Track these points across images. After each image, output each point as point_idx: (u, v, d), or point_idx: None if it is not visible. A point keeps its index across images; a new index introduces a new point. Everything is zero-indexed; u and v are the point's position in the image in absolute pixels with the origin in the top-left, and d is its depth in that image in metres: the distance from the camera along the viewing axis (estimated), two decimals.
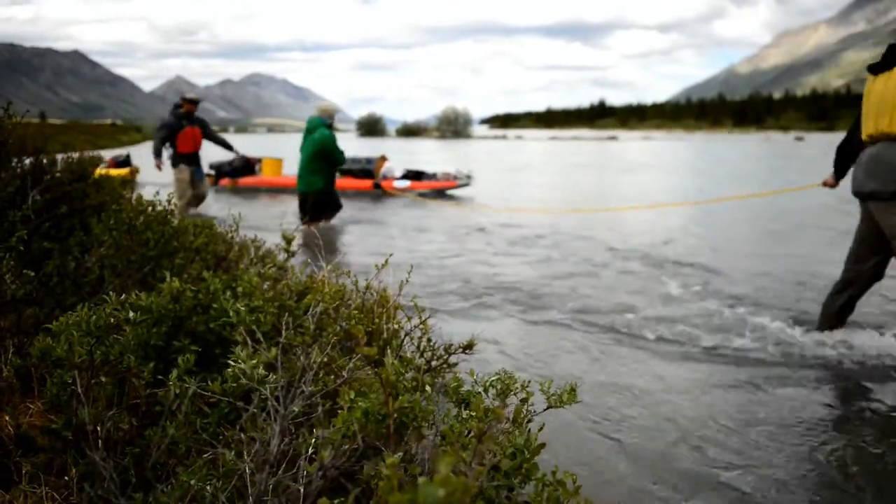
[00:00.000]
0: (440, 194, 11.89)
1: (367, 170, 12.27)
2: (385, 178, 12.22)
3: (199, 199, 8.88)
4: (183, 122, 8.45)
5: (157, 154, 8.55)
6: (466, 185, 12.18)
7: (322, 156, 7.53)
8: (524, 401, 1.30)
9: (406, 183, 12.07)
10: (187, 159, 8.59)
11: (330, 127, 7.68)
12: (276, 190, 12.43)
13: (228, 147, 9.46)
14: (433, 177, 12.47)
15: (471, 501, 0.52)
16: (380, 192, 11.90)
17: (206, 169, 13.61)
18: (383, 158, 12.63)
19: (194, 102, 8.61)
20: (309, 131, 7.63)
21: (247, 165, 13.03)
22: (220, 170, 13.15)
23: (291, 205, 10.14)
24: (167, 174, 13.57)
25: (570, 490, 1.12)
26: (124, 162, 15.63)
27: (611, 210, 9.64)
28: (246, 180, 13.04)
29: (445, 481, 0.46)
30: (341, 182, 11.90)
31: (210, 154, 10.20)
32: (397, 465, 0.53)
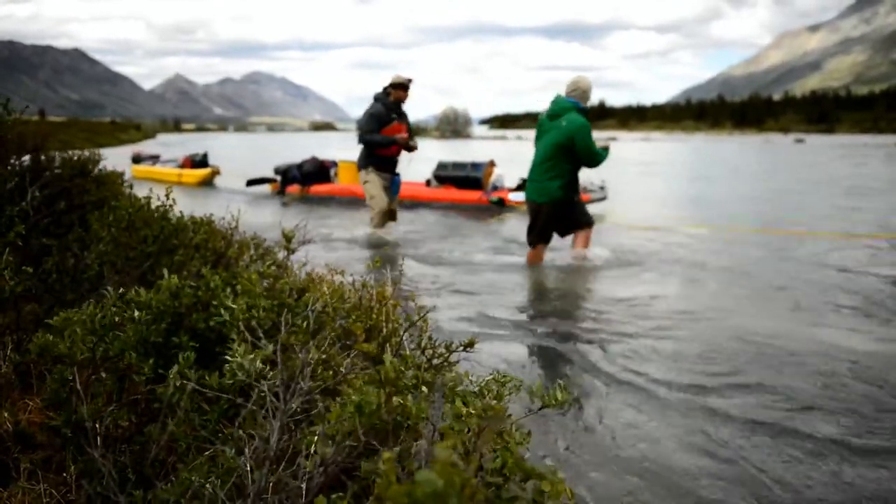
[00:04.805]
0: None
1: (473, 178, 9.98)
2: (495, 188, 9.92)
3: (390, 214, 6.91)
4: (392, 115, 6.41)
5: (380, 143, 6.32)
6: (603, 198, 9.68)
7: (568, 152, 5.14)
8: (499, 396, 1.28)
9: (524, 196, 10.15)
10: (384, 162, 6.51)
11: (584, 113, 5.24)
12: (354, 200, 10.13)
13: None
14: None
15: (471, 494, 0.51)
16: (499, 209, 9.40)
17: (269, 173, 11.71)
18: (492, 164, 10.32)
19: (405, 87, 6.39)
20: (552, 117, 5.26)
21: (320, 170, 11.00)
22: (287, 174, 11.08)
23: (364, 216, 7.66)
24: (245, 180, 11.88)
25: (550, 481, 1.11)
26: (201, 162, 14.06)
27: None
28: (319, 188, 10.80)
29: (444, 470, 0.45)
30: (441, 193, 10.09)
31: (270, 155, 8.44)
32: (394, 460, 0.53)
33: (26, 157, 2.72)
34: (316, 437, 1.10)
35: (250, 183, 11.78)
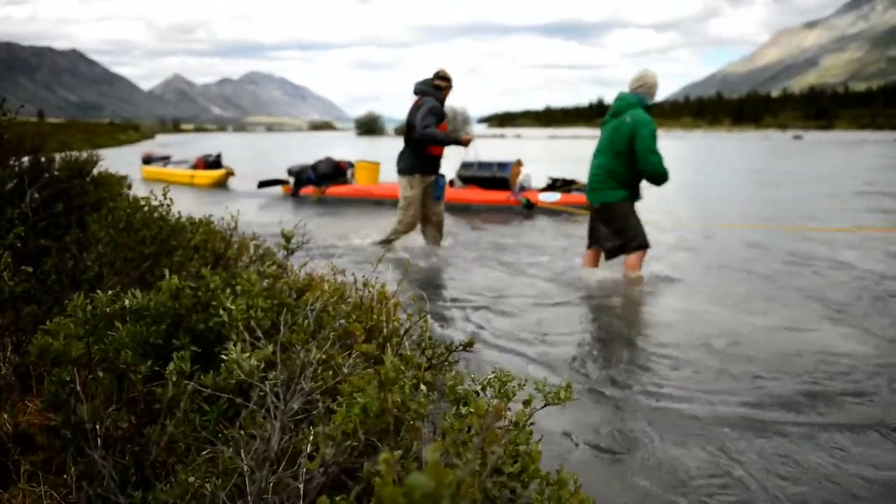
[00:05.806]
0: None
1: (500, 178, 9.69)
2: (523, 188, 9.57)
3: (435, 225, 6.11)
4: (443, 113, 5.89)
5: (449, 140, 5.78)
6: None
7: (628, 151, 4.58)
8: (527, 402, 1.29)
9: (555, 196, 9.22)
10: (430, 164, 5.87)
11: (649, 110, 4.71)
12: (371, 201, 9.97)
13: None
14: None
15: (468, 494, 0.51)
16: (529, 211, 9.13)
17: (283, 174, 11.42)
18: (519, 164, 9.91)
19: (452, 85, 5.93)
20: (614, 114, 4.75)
21: (336, 171, 10.84)
22: (301, 176, 10.86)
23: (384, 218, 7.45)
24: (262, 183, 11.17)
25: (570, 490, 1.12)
26: (215, 163, 13.91)
27: None
28: (335, 189, 10.59)
29: (434, 471, 0.44)
30: (465, 194, 9.74)
31: (277, 158, 8.10)
32: (394, 460, 0.53)
33: (25, 159, 2.72)
34: (319, 438, 1.10)
35: (262, 185, 11.63)
